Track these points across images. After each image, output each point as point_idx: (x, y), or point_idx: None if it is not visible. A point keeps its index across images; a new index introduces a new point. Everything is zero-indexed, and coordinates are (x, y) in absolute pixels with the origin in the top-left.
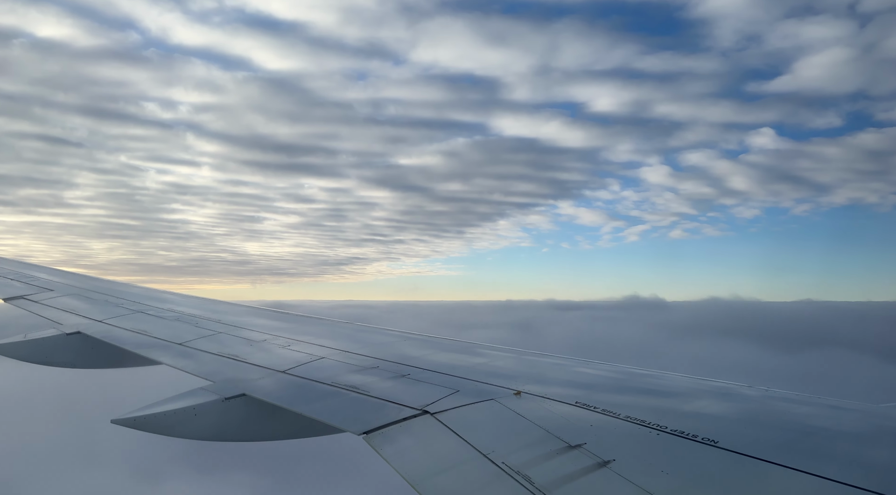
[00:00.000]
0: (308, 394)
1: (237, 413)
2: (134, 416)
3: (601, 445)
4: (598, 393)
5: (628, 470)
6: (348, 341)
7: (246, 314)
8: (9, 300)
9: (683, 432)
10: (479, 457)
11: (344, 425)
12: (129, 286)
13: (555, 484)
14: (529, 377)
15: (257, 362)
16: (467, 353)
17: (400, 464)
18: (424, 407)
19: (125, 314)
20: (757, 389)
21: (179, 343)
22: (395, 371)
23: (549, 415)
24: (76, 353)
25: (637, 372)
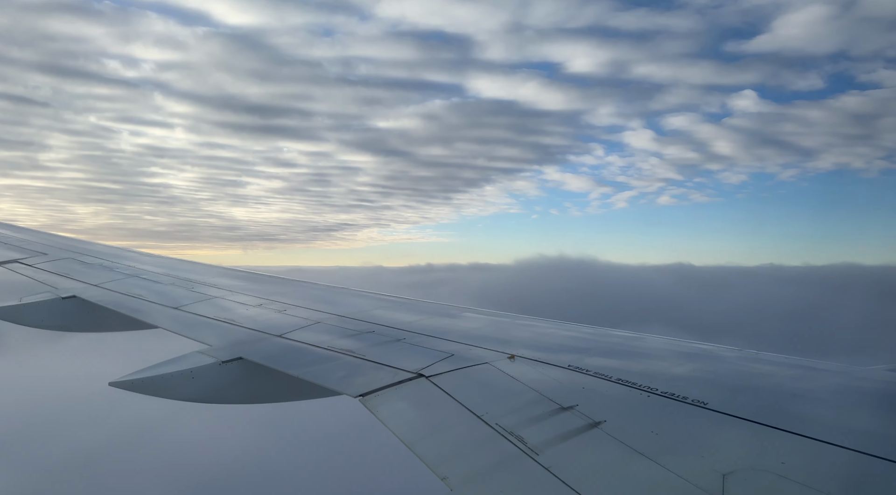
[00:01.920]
0: (304, 358)
1: (234, 376)
2: (132, 379)
3: (592, 407)
4: (590, 357)
5: (619, 431)
6: (343, 306)
7: (240, 278)
8: (2, 264)
9: (673, 394)
10: (473, 419)
11: (340, 388)
12: (122, 250)
13: (547, 444)
14: (523, 341)
15: (253, 326)
16: (462, 318)
17: (395, 426)
18: (419, 371)
19: (119, 278)
20: (745, 352)
21: (175, 307)
22: (390, 335)
23: (542, 378)
24: (72, 317)
25: (628, 336)
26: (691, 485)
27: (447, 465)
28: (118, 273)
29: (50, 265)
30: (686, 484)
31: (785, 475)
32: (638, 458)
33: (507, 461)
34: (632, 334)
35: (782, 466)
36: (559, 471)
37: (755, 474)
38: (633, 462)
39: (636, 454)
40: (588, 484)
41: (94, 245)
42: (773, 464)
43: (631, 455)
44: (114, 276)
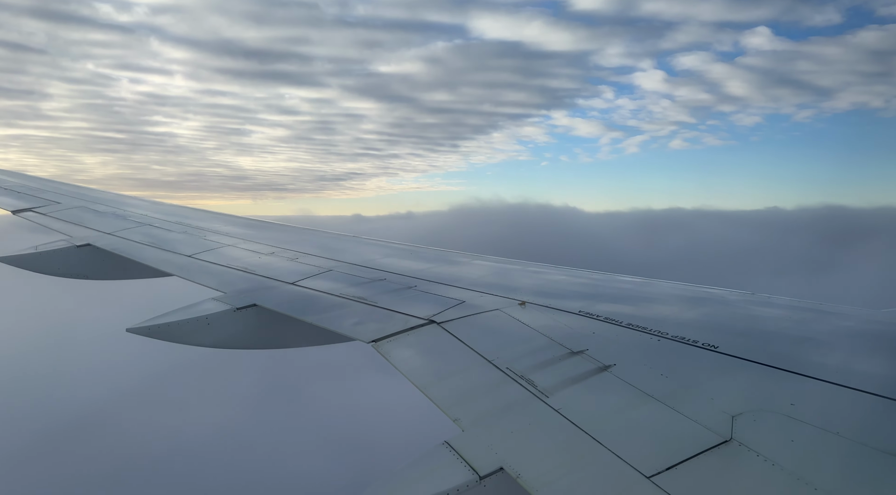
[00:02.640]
0: (317, 305)
1: (249, 322)
2: (148, 325)
3: (603, 351)
4: (601, 303)
5: (628, 374)
6: (354, 254)
7: (251, 227)
8: (17, 212)
9: (684, 338)
10: (484, 364)
11: (353, 334)
12: (134, 199)
13: (557, 387)
14: (534, 288)
15: (266, 274)
16: (472, 266)
17: (408, 370)
18: (431, 317)
19: (132, 226)
20: (757, 296)
21: (189, 255)
22: (401, 283)
23: (553, 324)
24: (87, 265)
25: (639, 281)
26: (700, 427)
27: (459, 407)
28: (131, 221)
29: (63, 214)
30: (695, 426)
31: (794, 416)
32: (647, 401)
33: (518, 403)
34: (642, 280)
35: (791, 407)
36: (569, 413)
37: (764, 415)
38: (643, 404)
39: (646, 396)
40: (597, 425)
41: (106, 194)
42: (782, 406)
43: (640, 397)
44: (126, 225)
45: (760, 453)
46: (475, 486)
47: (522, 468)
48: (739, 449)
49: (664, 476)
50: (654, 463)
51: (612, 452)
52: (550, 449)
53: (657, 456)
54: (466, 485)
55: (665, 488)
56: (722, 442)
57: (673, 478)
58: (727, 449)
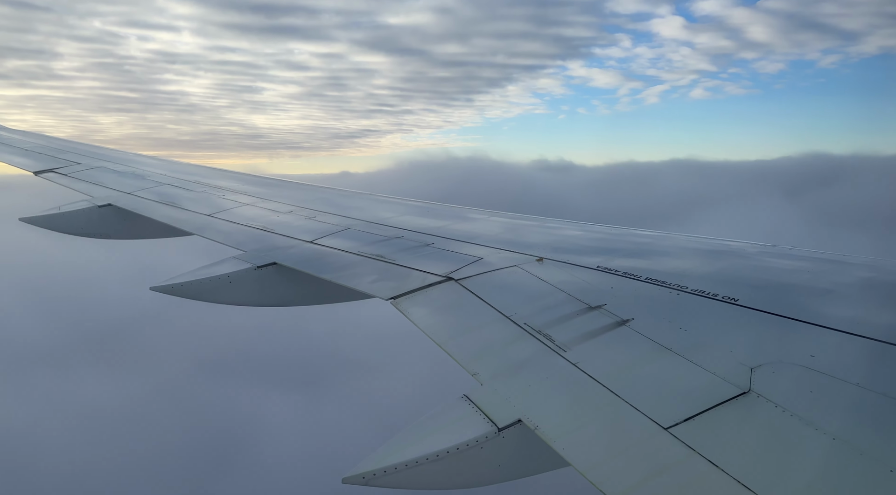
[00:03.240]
0: (336, 262)
1: (269, 280)
2: (171, 284)
3: (620, 306)
4: (620, 258)
5: (647, 328)
6: (372, 212)
7: (269, 186)
8: (39, 173)
9: (703, 291)
10: (501, 319)
11: (372, 291)
12: (152, 158)
13: (574, 341)
14: (551, 244)
15: (285, 232)
16: (489, 223)
17: (426, 326)
18: (449, 274)
19: (152, 186)
20: (778, 248)
21: (208, 214)
22: (419, 240)
23: (570, 280)
24: (109, 225)
25: (658, 235)
26: (718, 379)
27: (477, 362)
28: (150, 181)
29: (84, 174)
30: (713, 378)
31: (813, 367)
32: (665, 354)
33: (536, 358)
34: (662, 234)
35: (811, 359)
36: (587, 367)
37: (783, 367)
38: (661, 357)
39: (664, 350)
40: (615, 378)
41: (125, 154)
42: (801, 357)
43: (658, 350)
44: (146, 185)
45: (779, 404)
46: (494, 437)
47: (540, 420)
48: (758, 400)
49: (682, 427)
50: (672, 414)
51: (629, 404)
52: (568, 402)
53: (675, 408)
54: (486, 436)
55: (683, 439)
56: (740, 393)
57: (691, 429)
58: (745, 401)
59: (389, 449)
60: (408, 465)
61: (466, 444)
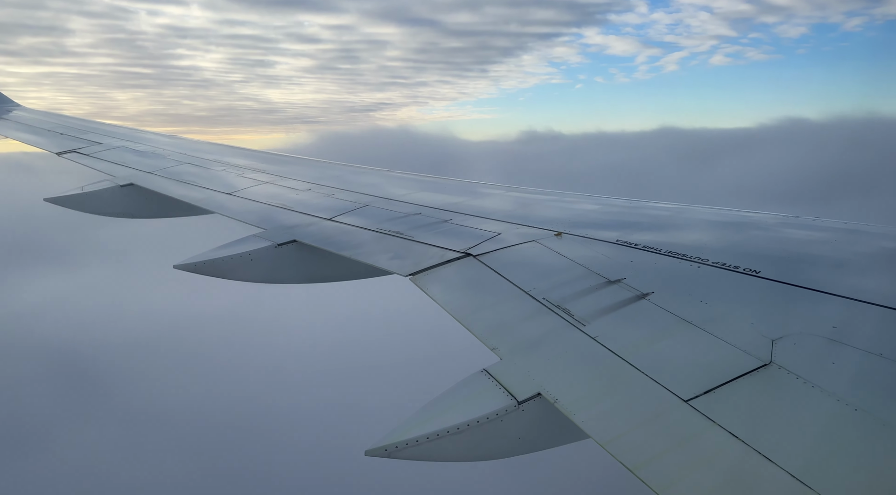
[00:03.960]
0: (355, 240)
1: (289, 258)
2: (194, 262)
3: (640, 279)
4: (639, 232)
5: (667, 302)
6: (389, 189)
7: (287, 163)
8: (62, 154)
9: (725, 264)
10: (520, 294)
11: (391, 267)
12: (171, 137)
13: (594, 315)
14: (570, 218)
15: (304, 210)
16: (507, 198)
17: (445, 302)
18: (467, 250)
19: (172, 165)
20: (801, 219)
21: (229, 192)
22: (437, 216)
23: (589, 254)
24: (131, 204)
25: (678, 207)
26: (739, 351)
27: (496, 337)
28: (170, 160)
29: (106, 154)
30: (734, 350)
31: (836, 339)
32: (686, 327)
33: (555, 332)
34: (682, 206)
35: (833, 330)
36: (606, 341)
37: (805, 338)
38: (681, 330)
39: (684, 323)
40: (634, 351)
41: (145, 133)
42: (823, 329)
43: (679, 324)
44: (166, 164)
45: (801, 376)
46: (514, 411)
47: (560, 393)
48: (779, 372)
49: (702, 399)
50: (692, 387)
51: (648, 377)
52: (587, 376)
53: (695, 381)
54: (505, 410)
55: (703, 411)
56: (761, 365)
57: (710, 402)
58: (766, 373)
59: (410, 422)
60: (429, 438)
61: (486, 417)
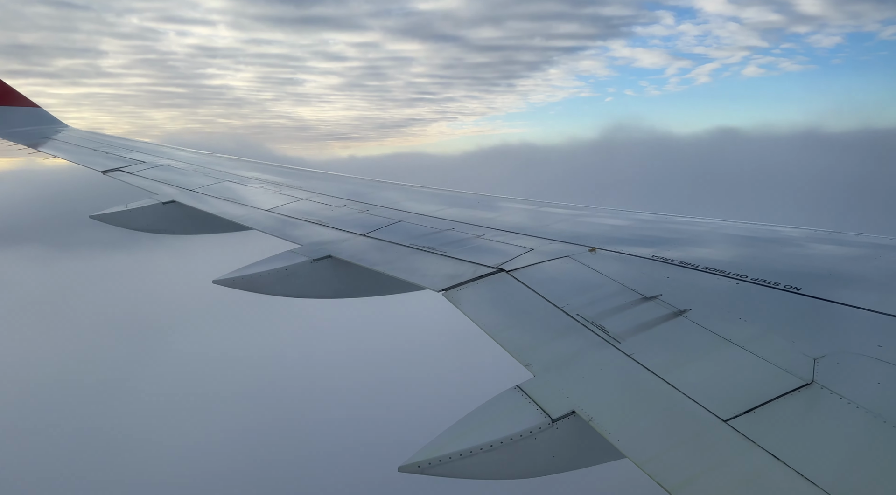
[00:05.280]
0: (388, 255)
1: (324, 273)
2: (233, 277)
3: (677, 296)
4: (676, 247)
5: (705, 319)
6: (423, 205)
7: (321, 179)
8: (107, 172)
9: (765, 281)
10: (553, 310)
11: (423, 283)
12: (210, 155)
13: (629, 332)
14: (604, 233)
15: (339, 226)
16: (540, 213)
17: (478, 317)
18: (500, 265)
19: (212, 183)
20: (844, 234)
21: (266, 209)
22: (469, 232)
23: (624, 270)
24: (173, 221)
25: (717, 223)
26: (780, 370)
27: (529, 353)
28: (210, 178)
29: (148, 172)
30: (774, 369)
31: (882, 357)
32: (725, 345)
33: (589, 349)
34: (718, 221)
35: (879, 349)
36: (642, 358)
37: (848, 357)
38: (720, 348)
39: (723, 341)
40: (671, 369)
41: (184, 151)
42: (868, 348)
43: (717, 341)
44: (206, 181)
45: (844, 396)
46: (547, 429)
47: (595, 411)
48: (822, 391)
49: (741, 419)
50: (731, 406)
51: (686, 396)
52: (623, 394)
53: (734, 400)
54: (539, 428)
55: (742, 431)
56: (803, 385)
57: (750, 422)
58: (808, 392)
59: (444, 438)
60: (462, 455)
61: (520, 435)
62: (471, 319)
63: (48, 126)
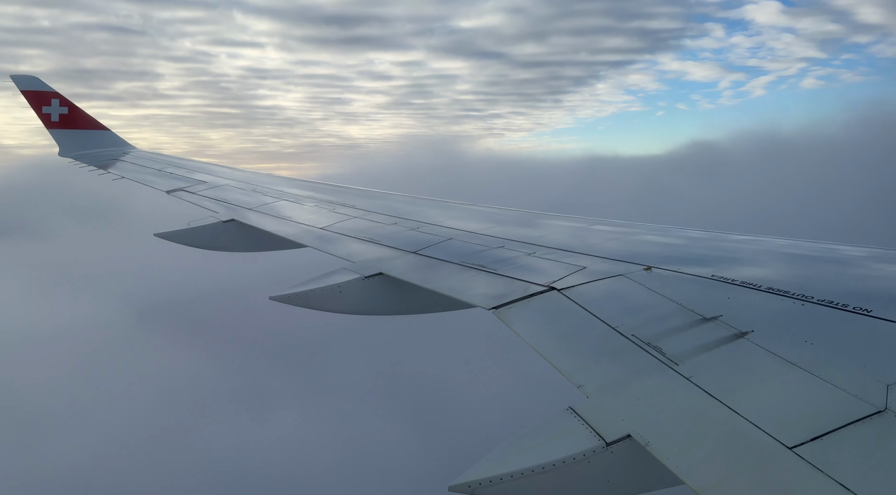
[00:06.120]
0: (439, 273)
1: (376, 290)
2: (288, 293)
3: (738, 317)
4: (737, 266)
5: (768, 341)
6: (473, 223)
7: (372, 197)
8: (171, 192)
9: (832, 302)
10: (607, 330)
11: (474, 300)
12: (268, 176)
13: (687, 354)
14: (661, 252)
15: (391, 243)
16: (593, 231)
17: (529, 336)
18: (551, 284)
19: (270, 202)
20: None
21: (321, 227)
22: (520, 250)
23: (682, 289)
24: (232, 239)
25: (777, 241)
26: (850, 396)
27: (582, 374)
28: (268, 196)
29: (209, 192)
30: (844, 395)
31: None
32: (789, 368)
33: (644, 371)
34: (780, 240)
35: None
36: (701, 381)
37: None
38: (784, 372)
39: (787, 364)
40: (733, 394)
41: (242, 171)
42: None
43: (782, 365)
44: (264, 200)
45: None
46: (602, 452)
47: (651, 435)
48: (895, 420)
49: (808, 447)
50: (797, 433)
51: (749, 421)
52: (681, 418)
53: (800, 427)
54: (593, 450)
55: (809, 459)
56: (875, 412)
57: (818, 449)
58: (881, 420)
59: (495, 459)
60: (513, 476)
61: (573, 458)
62: (522, 338)
63: (117, 148)
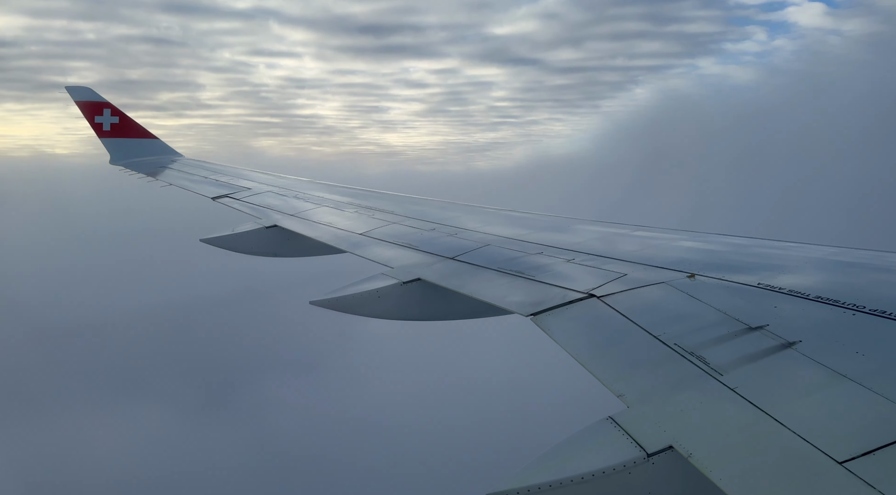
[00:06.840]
0: (477, 279)
1: (414, 295)
2: (328, 298)
3: (786, 327)
4: (784, 274)
5: (817, 352)
6: (511, 228)
7: (411, 203)
8: (216, 199)
9: (885, 312)
10: (649, 339)
11: (512, 307)
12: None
13: (732, 365)
14: (704, 259)
15: (429, 249)
16: (634, 237)
17: (567, 344)
18: (591, 291)
19: (311, 208)
20: None
21: (361, 233)
22: (559, 256)
23: (727, 298)
24: (275, 244)
25: (825, 249)
26: None
27: (622, 383)
28: (309, 203)
29: (254, 198)
30: None
31: None
32: (839, 380)
33: (687, 380)
34: (828, 247)
35: None
36: (747, 392)
37: None
38: (834, 384)
39: (837, 376)
40: (780, 405)
41: (285, 178)
42: None
43: (831, 376)
44: (306, 206)
45: None
46: (643, 463)
47: (694, 447)
48: None
49: (860, 461)
50: (848, 447)
51: (796, 434)
52: (725, 430)
53: (851, 441)
54: (633, 462)
55: (860, 474)
56: None
57: (870, 464)
58: None
59: (533, 468)
60: (552, 486)
61: (613, 468)
62: (560, 346)
63: (165, 156)
